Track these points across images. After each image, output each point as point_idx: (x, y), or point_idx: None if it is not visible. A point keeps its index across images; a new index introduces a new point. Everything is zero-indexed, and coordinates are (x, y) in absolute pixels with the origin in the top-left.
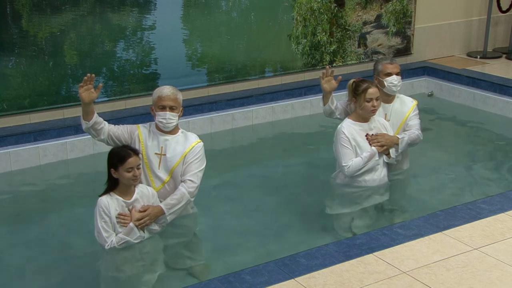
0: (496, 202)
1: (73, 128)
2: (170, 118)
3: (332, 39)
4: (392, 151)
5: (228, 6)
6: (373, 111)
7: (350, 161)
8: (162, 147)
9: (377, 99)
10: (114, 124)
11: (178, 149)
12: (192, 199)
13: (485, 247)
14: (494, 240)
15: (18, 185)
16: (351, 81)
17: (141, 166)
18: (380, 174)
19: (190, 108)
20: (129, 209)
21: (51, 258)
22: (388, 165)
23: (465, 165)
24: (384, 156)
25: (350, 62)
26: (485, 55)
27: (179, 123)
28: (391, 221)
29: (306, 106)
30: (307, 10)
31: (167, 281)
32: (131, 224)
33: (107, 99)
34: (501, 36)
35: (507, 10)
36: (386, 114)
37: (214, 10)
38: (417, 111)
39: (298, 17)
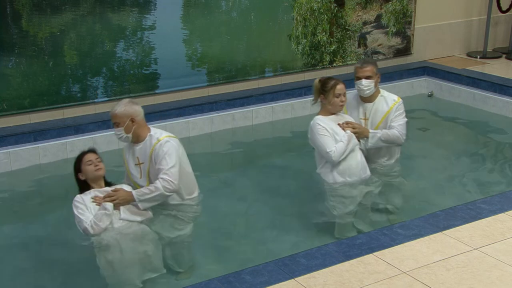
0: (496, 202)
1: (73, 128)
2: (116, 134)
3: (332, 39)
4: (361, 142)
5: (228, 6)
6: (342, 106)
7: (333, 146)
8: (137, 157)
9: (344, 95)
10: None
11: (146, 154)
12: (169, 194)
13: (485, 247)
14: (494, 240)
15: (18, 185)
16: (317, 80)
17: (100, 159)
18: (360, 158)
19: (190, 108)
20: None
21: (51, 257)
22: (369, 157)
23: (465, 165)
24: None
25: (350, 62)
26: (485, 55)
27: (179, 124)
28: (391, 221)
29: (306, 106)
30: (307, 10)
31: (167, 281)
32: (107, 205)
33: (107, 99)
34: (501, 36)
35: (507, 10)
36: (366, 113)
37: (214, 10)
38: (402, 111)
39: (298, 17)
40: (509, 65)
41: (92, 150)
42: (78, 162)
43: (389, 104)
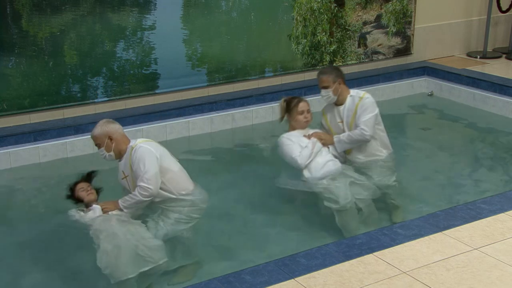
0: (496, 202)
1: (73, 128)
2: (100, 154)
3: (332, 39)
4: (331, 148)
5: (228, 6)
6: (306, 122)
7: (299, 152)
8: (122, 171)
9: (308, 111)
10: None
11: (127, 166)
12: (146, 200)
13: (485, 247)
14: (494, 240)
15: (18, 184)
16: (282, 99)
17: (91, 186)
18: (329, 156)
19: (190, 108)
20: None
21: (51, 257)
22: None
23: (465, 165)
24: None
25: (350, 62)
26: (485, 55)
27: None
28: (391, 221)
29: None
30: (307, 10)
31: (166, 280)
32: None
33: (107, 99)
34: (501, 36)
35: (507, 10)
36: (340, 116)
37: (214, 10)
38: (366, 106)
39: (298, 17)
40: (509, 65)
41: (84, 179)
42: (72, 191)
43: (355, 103)
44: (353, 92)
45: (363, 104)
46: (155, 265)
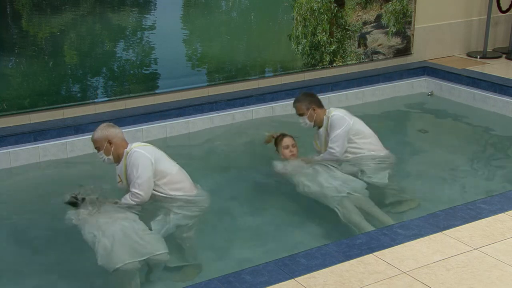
0: (496, 202)
1: (73, 128)
2: (99, 157)
3: (332, 39)
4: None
5: (228, 6)
6: (292, 156)
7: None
8: (118, 175)
9: (293, 146)
10: (114, 123)
11: (122, 170)
12: (137, 205)
13: (485, 247)
14: (494, 240)
15: (18, 184)
16: (268, 135)
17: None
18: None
19: (190, 108)
20: None
21: (50, 257)
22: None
23: (465, 165)
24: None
25: (350, 62)
26: (485, 55)
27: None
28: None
29: None
30: (307, 10)
31: (166, 280)
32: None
33: (107, 99)
34: (501, 36)
35: (507, 10)
36: (320, 138)
37: (214, 10)
38: (334, 123)
39: (298, 17)
40: (509, 65)
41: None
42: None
43: (326, 124)
44: (328, 112)
45: (331, 123)
46: (152, 255)
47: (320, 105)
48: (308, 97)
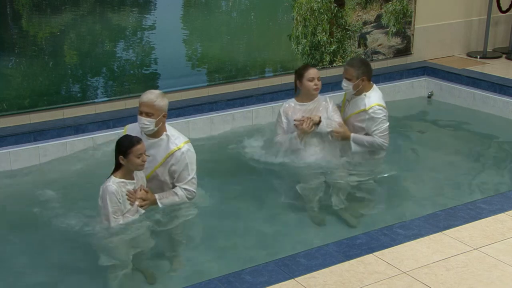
0: (496, 202)
1: (73, 128)
2: (144, 123)
3: (332, 39)
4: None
5: (228, 6)
6: (316, 89)
7: (279, 136)
8: (154, 155)
9: (318, 79)
10: (114, 124)
11: (159, 153)
12: (189, 201)
13: (485, 247)
14: (494, 240)
15: (18, 184)
16: (297, 68)
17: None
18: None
19: (190, 108)
20: (133, 191)
21: (50, 257)
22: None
23: (465, 165)
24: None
25: None
26: (485, 55)
27: (178, 124)
28: (391, 221)
29: None
30: (307, 10)
31: (166, 281)
32: (137, 204)
33: (107, 99)
34: (501, 36)
35: (507, 10)
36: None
37: (214, 10)
38: (378, 113)
39: (298, 17)
40: (509, 65)
41: (139, 141)
42: (128, 147)
43: (361, 107)
44: (372, 89)
45: (376, 111)
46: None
47: (370, 78)
48: (363, 66)
